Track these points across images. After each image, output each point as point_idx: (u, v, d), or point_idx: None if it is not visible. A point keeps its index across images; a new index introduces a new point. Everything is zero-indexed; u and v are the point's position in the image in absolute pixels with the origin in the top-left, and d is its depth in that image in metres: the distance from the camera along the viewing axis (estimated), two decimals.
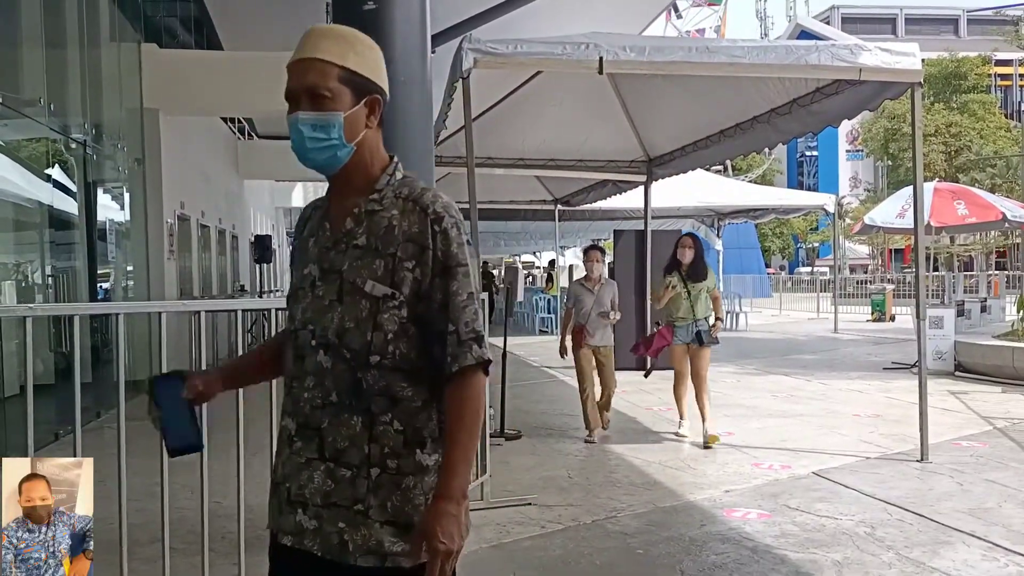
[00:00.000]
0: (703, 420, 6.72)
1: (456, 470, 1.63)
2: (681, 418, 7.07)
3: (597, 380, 7.14)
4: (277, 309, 4.09)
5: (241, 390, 3.25)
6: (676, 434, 7.00)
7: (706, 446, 6.55)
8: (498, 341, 7.28)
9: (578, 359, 7.09)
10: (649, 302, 11.08)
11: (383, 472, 1.64)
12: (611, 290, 7.18)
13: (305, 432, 1.68)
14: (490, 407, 5.53)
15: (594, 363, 7.09)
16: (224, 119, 16.41)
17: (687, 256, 6.84)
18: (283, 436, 1.73)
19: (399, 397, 1.66)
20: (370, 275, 1.65)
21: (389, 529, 1.63)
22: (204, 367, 3.15)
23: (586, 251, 7.57)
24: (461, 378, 1.66)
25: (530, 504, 5.00)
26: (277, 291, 21.18)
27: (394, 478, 1.64)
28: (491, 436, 5.41)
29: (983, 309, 14.09)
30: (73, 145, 8.54)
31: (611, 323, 7.09)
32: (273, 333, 4.11)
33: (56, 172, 8.21)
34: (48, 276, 7.92)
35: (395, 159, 1.82)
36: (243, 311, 3.91)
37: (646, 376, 7.45)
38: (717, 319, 6.95)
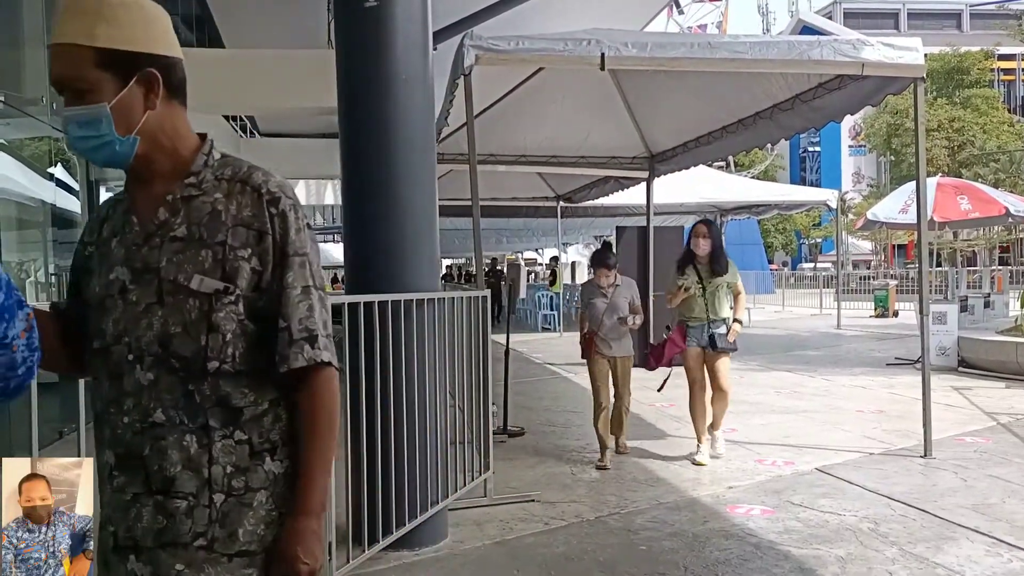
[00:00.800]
0: (710, 429, 6.11)
1: (313, 482, 1.47)
2: (699, 442, 6.05)
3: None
4: None
5: None
6: (692, 461, 5.96)
7: (694, 463, 5.89)
8: (501, 338, 7.30)
9: (591, 371, 6.12)
10: (653, 302, 11.10)
11: (228, 496, 1.42)
12: (628, 291, 6.20)
13: (127, 464, 1.42)
14: (493, 404, 5.54)
15: (610, 376, 6.12)
16: (226, 117, 16.42)
17: (702, 247, 5.92)
18: (102, 472, 1.45)
19: (241, 405, 1.46)
20: (196, 269, 1.43)
21: (240, 561, 1.42)
22: None
23: (594, 261, 6.37)
24: (302, 380, 1.47)
25: (533, 501, 5.01)
26: None
27: (242, 499, 1.43)
28: (494, 433, 5.41)
29: (986, 304, 14.06)
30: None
31: (631, 328, 6.12)
32: None
33: (58, 171, 8.21)
34: (51, 274, 7.92)
35: (208, 137, 1.59)
36: None
37: (660, 391, 6.49)
38: (736, 320, 6.07)
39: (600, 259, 6.29)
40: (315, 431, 1.49)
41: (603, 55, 5.50)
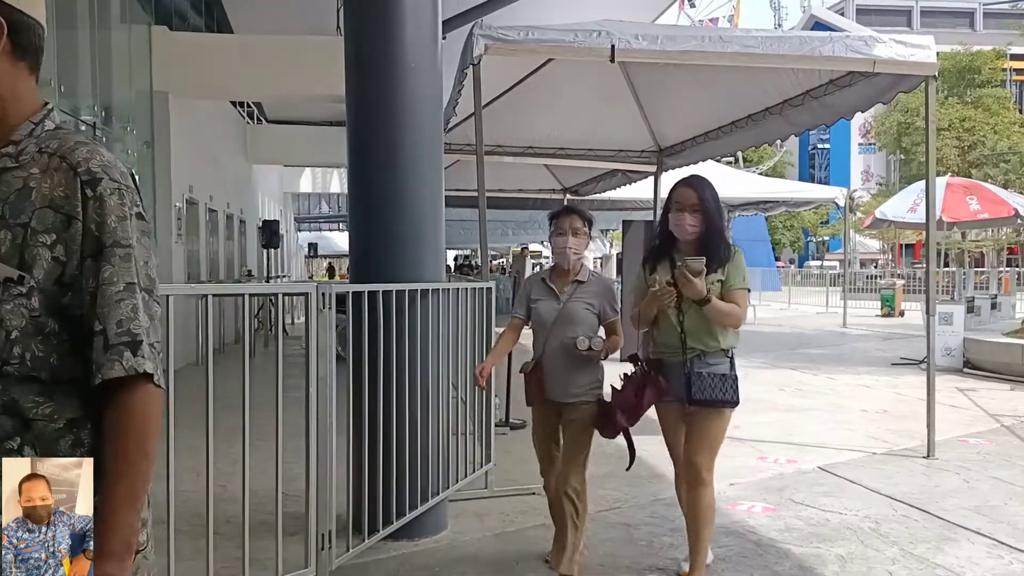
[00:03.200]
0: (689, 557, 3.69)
1: (118, 518, 1.23)
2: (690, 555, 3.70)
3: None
4: (284, 294, 4.09)
5: (247, 374, 3.25)
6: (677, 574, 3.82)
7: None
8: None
9: (534, 424, 3.92)
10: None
11: None
12: (598, 298, 3.74)
13: None
14: (496, 396, 5.53)
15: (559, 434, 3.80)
16: (233, 103, 16.42)
17: (688, 227, 3.49)
18: None
19: (31, 417, 1.25)
20: None
21: None
22: (210, 351, 3.15)
23: (556, 216, 3.90)
24: (115, 394, 1.24)
25: (534, 494, 5.00)
26: (284, 276, 21.24)
27: None
28: (496, 425, 5.41)
29: (993, 306, 14.00)
30: (83, 127, 8.55)
31: (596, 357, 3.63)
32: (280, 318, 4.11)
33: None
34: None
35: (48, 105, 1.38)
36: (250, 295, 3.91)
37: (628, 469, 3.96)
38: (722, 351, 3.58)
39: (569, 208, 4.03)
40: (123, 455, 1.24)
41: (613, 47, 5.47)
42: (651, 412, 3.70)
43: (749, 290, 3.58)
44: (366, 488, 3.90)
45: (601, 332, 3.78)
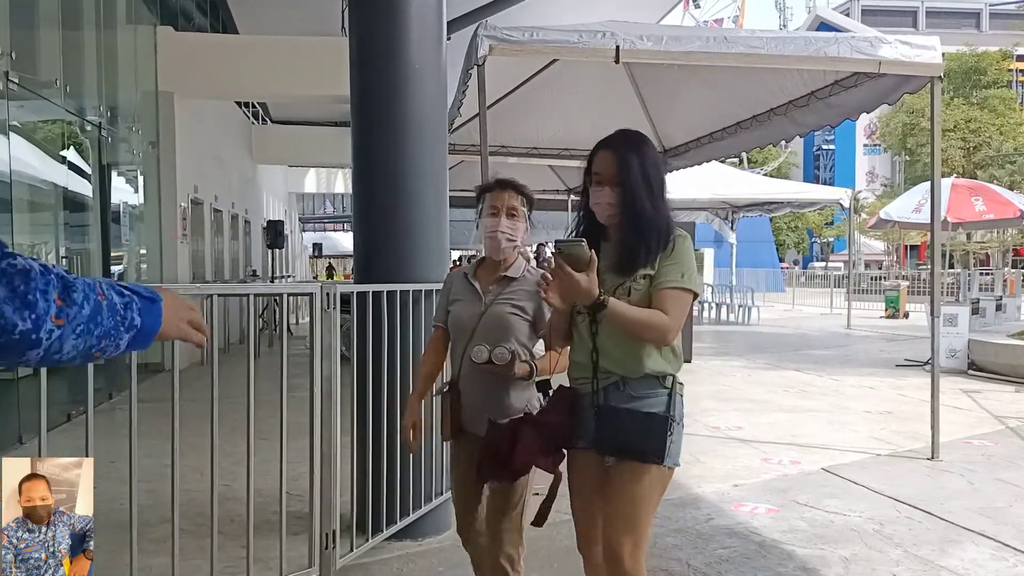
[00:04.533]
0: None
1: None
2: None
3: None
4: (289, 294, 4.10)
5: (252, 373, 3.26)
6: None
7: None
8: None
9: (451, 465, 3.10)
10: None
11: None
12: (534, 297, 2.83)
13: None
14: None
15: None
16: (238, 103, 16.46)
17: (605, 206, 2.48)
18: None
19: None
20: None
21: None
22: (215, 350, 3.15)
23: (487, 191, 2.98)
24: None
25: (537, 494, 5.00)
26: (289, 276, 21.26)
27: None
28: None
29: (998, 307, 13.98)
30: (88, 127, 8.57)
31: (508, 374, 2.75)
32: (284, 318, 4.12)
33: (71, 154, 8.24)
34: (62, 257, 7.95)
35: None
36: (255, 296, 3.92)
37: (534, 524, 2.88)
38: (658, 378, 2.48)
39: (501, 181, 2.98)
40: None
41: (618, 48, 5.47)
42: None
43: (696, 294, 2.45)
44: (370, 488, 3.91)
45: (540, 346, 2.86)
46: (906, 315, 20.25)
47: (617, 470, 2.49)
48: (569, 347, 2.63)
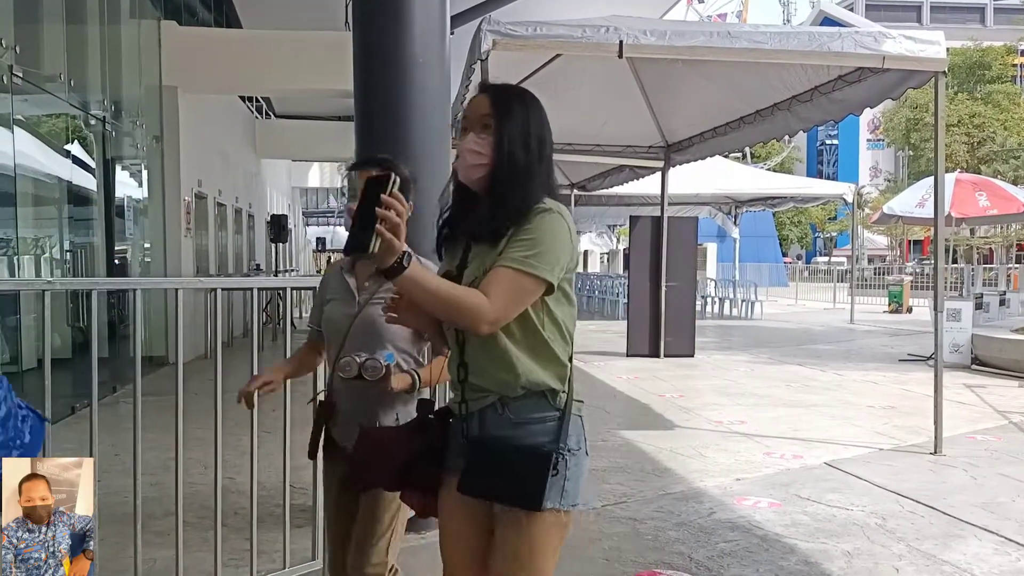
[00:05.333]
0: None
1: None
2: None
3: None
4: (292, 288, 4.11)
5: (256, 367, 3.27)
6: None
7: None
8: None
9: (324, 490, 2.77)
10: (666, 294, 11.06)
11: None
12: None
13: None
14: None
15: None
16: (242, 98, 16.45)
17: (468, 155, 1.95)
18: None
19: None
20: None
21: None
22: (219, 344, 3.17)
23: (354, 170, 2.72)
24: None
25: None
26: (292, 271, 21.28)
27: None
28: None
29: (1002, 303, 13.97)
30: (92, 121, 8.58)
31: (402, 391, 2.44)
32: (288, 312, 4.13)
33: (75, 148, 8.25)
34: (66, 251, 7.98)
35: None
36: (258, 289, 3.93)
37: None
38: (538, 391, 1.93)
39: (369, 161, 2.63)
40: None
41: (621, 43, 5.47)
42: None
43: (549, 283, 1.85)
44: None
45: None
46: (909, 310, 20.23)
47: (501, 519, 1.93)
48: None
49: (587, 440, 1.99)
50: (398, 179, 1.70)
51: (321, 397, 2.67)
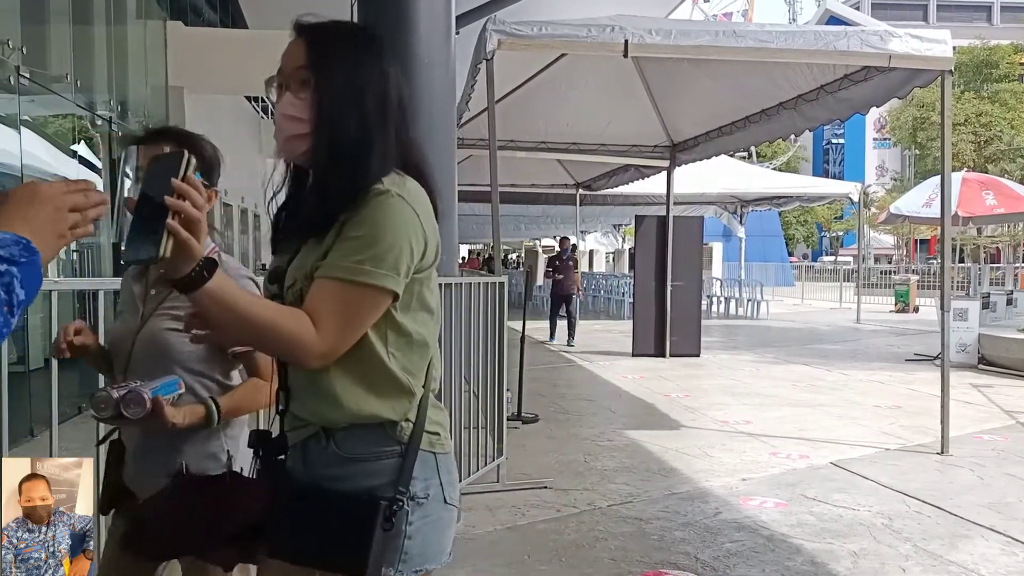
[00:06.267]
0: None
1: None
2: None
3: None
4: None
5: None
6: None
7: None
8: (517, 324, 7.30)
9: (107, 544, 2.01)
10: (671, 293, 11.04)
11: None
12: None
13: None
14: (507, 390, 5.55)
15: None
16: (248, 97, 16.47)
17: (284, 121, 1.50)
18: None
19: None
20: None
21: None
22: None
23: (136, 144, 1.81)
24: None
25: (546, 488, 5.02)
26: None
27: None
28: (508, 419, 5.43)
29: (1009, 302, 13.88)
30: (99, 122, 8.60)
31: (184, 425, 1.80)
32: None
33: (82, 148, 8.28)
34: (73, 251, 8.00)
35: None
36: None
37: None
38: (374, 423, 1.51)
39: (160, 132, 2.00)
40: None
41: (627, 42, 5.46)
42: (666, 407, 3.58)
43: (393, 293, 1.44)
44: None
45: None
46: (916, 309, 20.18)
47: None
48: None
49: (451, 485, 1.54)
50: (193, 159, 1.25)
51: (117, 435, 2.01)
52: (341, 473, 1.46)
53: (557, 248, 14.63)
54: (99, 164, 8.66)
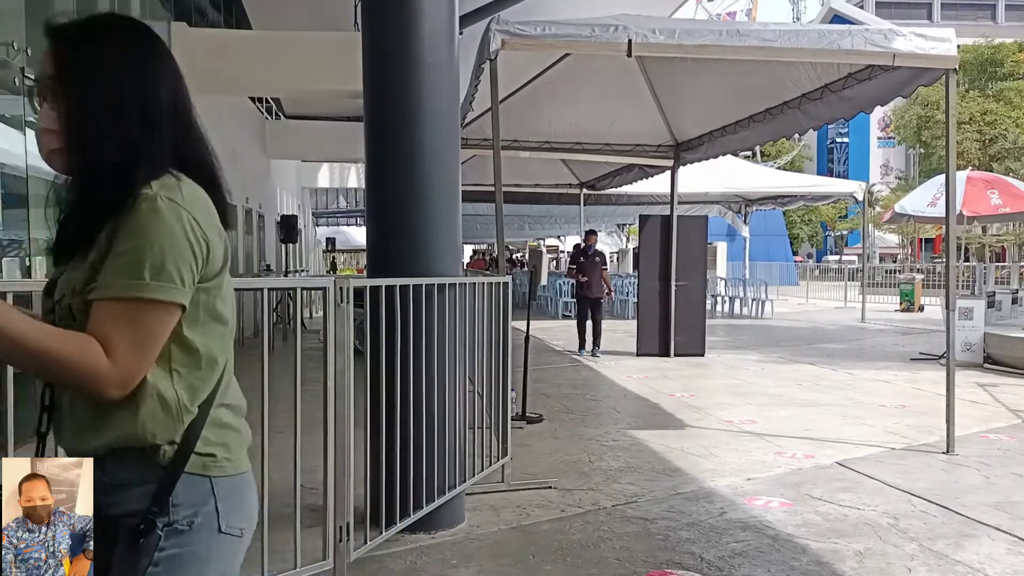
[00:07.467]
0: None
1: None
2: None
3: None
4: (303, 288, 4.12)
5: (266, 367, 3.28)
6: None
7: None
8: (521, 324, 7.29)
9: None
10: (676, 293, 11.03)
11: None
12: None
13: None
14: (512, 390, 5.55)
15: None
16: (252, 98, 16.51)
17: (43, 136, 1.43)
18: None
19: None
20: None
21: None
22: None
23: None
24: None
25: (550, 488, 5.02)
26: (303, 271, 21.34)
27: None
28: (512, 419, 5.43)
29: (1014, 301, 13.86)
30: None
31: None
32: (298, 312, 4.15)
33: None
34: None
35: None
36: (269, 290, 3.95)
37: None
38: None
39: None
40: None
41: (630, 41, 5.46)
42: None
43: (182, 306, 1.37)
44: (383, 481, 3.93)
45: None
46: (921, 308, 20.13)
47: None
48: None
49: (233, 512, 1.44)
50: None
51: None
52: (111, 500, 1.34)
53: (582, 243, 12.40)
54: None
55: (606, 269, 11.93)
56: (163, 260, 1.30)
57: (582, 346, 11.51)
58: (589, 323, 11.50)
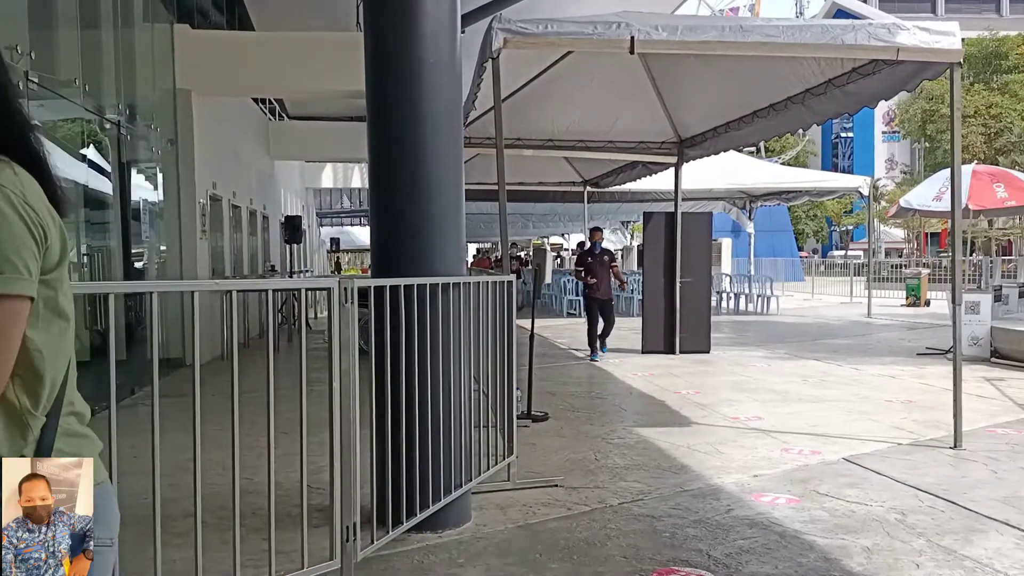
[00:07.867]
0: None
1: None
2: None
3: None
4: (307, 289, 4.12)
5: (271, 368, 3.29)
6: None
7: None
8: (526, 323, 7.29)
9: None
10: (680, 290, 11.01)
11: None
12: None
13: None
14: (517, 389, 5.55)
15: None
16: (255, 100, 16.53)
17: None
18: None
19: None
20: None
21: None
22: (235, 345, 3.18)
23: None
24: None
25: (556, 486, 5.02)
26: (307, 271, 21.36)
27: None
28: (518, 418, 5.43)
29: (1021, 295, 13.79)
30: (107, 125, 8.64)
31: None
32: (303, 313, 4.15)
33: (91, 152, 8.31)
34: (83, 255, 8.03)
35: None
36: (273, 291, 3.95)
37: None
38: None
39: None
40: None
41: (633, 38, 5.45)
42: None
43: (30, 297, 1.24)
44: (389, 480, 3.93)
45: None
46: (927, 303, 20.08)
47: None
48: None
49: (98, 525, 1.31)
50: None
51: None
52: None
53: (587, 242, 11.93)
54: (108, 168, 8.70)
55: (616, 266, 11.44)
56: (3, 249, 1.18)
57: (594, 352, 10.94)
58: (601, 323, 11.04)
